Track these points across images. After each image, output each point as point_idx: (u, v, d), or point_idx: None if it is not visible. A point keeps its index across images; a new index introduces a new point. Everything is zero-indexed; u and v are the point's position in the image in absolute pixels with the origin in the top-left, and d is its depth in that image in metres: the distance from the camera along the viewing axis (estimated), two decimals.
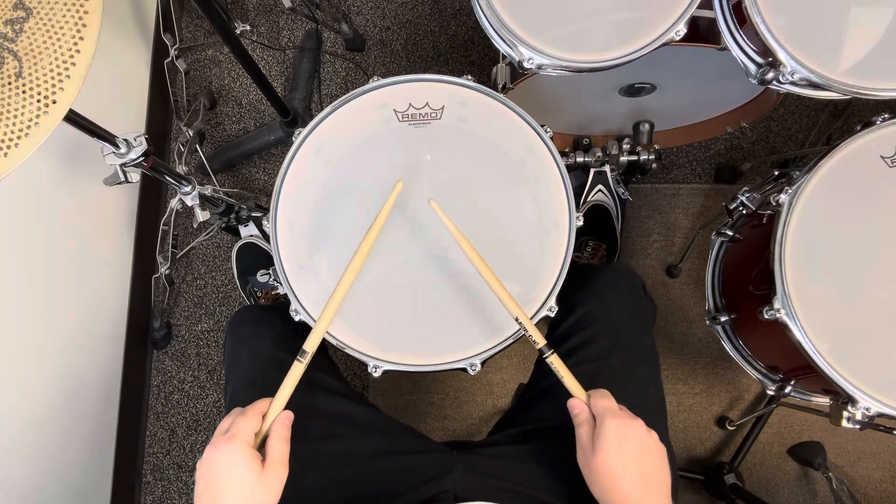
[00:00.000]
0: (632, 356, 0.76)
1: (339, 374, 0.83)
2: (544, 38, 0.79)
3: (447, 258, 0.75)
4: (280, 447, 0.57)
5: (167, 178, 0.97)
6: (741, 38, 0.80)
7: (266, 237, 1.25)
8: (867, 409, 0.72)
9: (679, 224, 1.40)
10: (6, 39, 0.59)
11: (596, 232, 1.28)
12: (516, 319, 0.64)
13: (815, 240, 0.76)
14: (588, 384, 0.63)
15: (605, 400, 0.60)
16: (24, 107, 0.59)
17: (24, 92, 0.59)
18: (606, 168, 1.23)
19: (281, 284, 0.74)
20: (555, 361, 0.63)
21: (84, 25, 0.60)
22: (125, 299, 1.33)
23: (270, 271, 0.77)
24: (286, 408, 0.60)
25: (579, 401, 0.62)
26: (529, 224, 0.75)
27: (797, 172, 0.79)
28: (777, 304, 0.74)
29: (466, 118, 0.77)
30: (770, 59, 0.77)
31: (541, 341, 0.64)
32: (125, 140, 0.84)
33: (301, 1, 1.38)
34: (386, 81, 0.78)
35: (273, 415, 0.59)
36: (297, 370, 0.61)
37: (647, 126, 1.14)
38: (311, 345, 0.62)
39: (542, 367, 0.81)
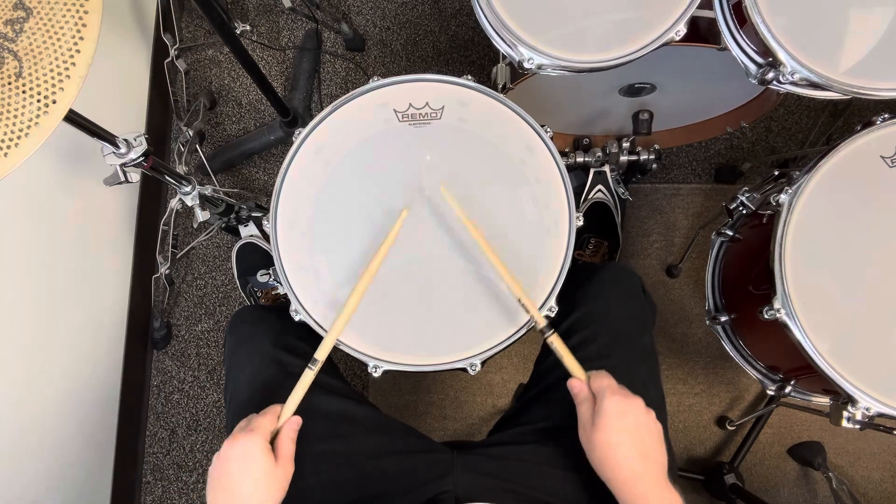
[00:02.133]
0: (630, 356, 0.76)
1: (339, 374, 0.83)
2: (544, 38, 0.79)
3: (447, 258, 0.75)
4: (289, 445, 0.61)
5: (167, 178, 0.97)
6: (741, 38, 0.80)
7: (266, 237, 1.25)
8: (867, 409, 0.72)
9: (679, 224, 1.40)
10: (6, 39, 0.59)
11: (597, 229, 1.29)
12: (518, 300, 0.66)
13: (815, 240, 0.76)
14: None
15: (604, 379, 0.62)
16: (24, 107, 0.59)
17: (24, 92, 0.59)
18: (606, 168, 1.23)
19: (281, 284, 0.74)
20: (555, 341, 0.65)
21: (84, 25, 0.60)
22: (125, 299, 1.34)
23: (270, 271, 0.77)
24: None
25: (579, 381, 0.63)
26: (529, 224, 0.75)
27: (797, 172, 0.79)
28: (777, 304, 0.74)
29: (466, 118, 0.77)
30: (770, 59, 0.77)
31: (541, 322, 0.65)
32: (125, 140, 0.84)
33: (301, 1, 1.38)
34: (386, 81, 0.78)
35: (285, 418, 0.62)
36: (307, 378, 0.63)
37: (646, 115, 1.13)
38: (321, 353, 0.65)
39: (541, 367, 0.81)
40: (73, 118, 0.74)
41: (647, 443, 0.59)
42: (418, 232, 0.75)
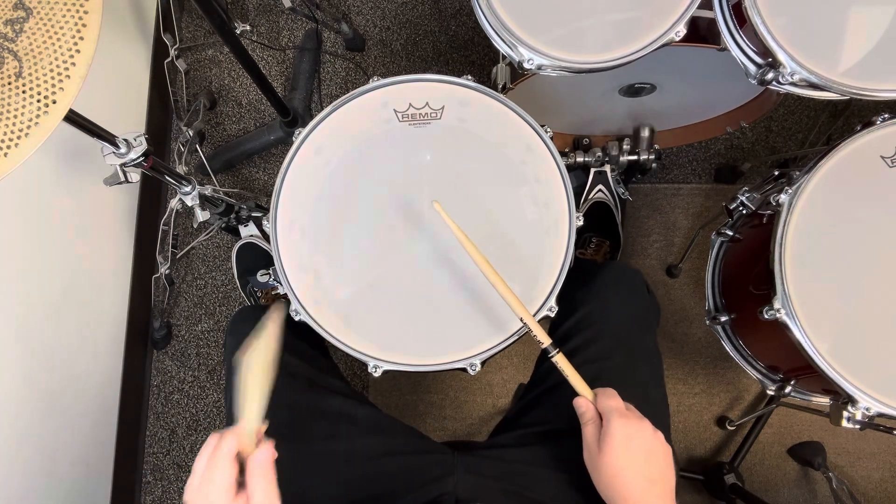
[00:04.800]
0: (633, 356, 0.76)
1: (340, 375, 0.83)
2: (544, 39, 0.79)
3: (447, 258, 0.75)
4: (261, 488, 0.49)
5: (167, 178, 0.97)
6: (741, 39, 0.80)
7: (266, 237, 1.25)
8: (867, 409, 0.72)
9: (679, 224, 1.40)
10: (6, 39, 0.59)
11: (598, 229, 1.29)
12: (521, 319, 0.64)
13: (815, 240, 0.76)
14: (590, 384, 0.63)
15: (611, 399, 0.60)
16: (24, 107, 0.59)
17: (24, 92, 0.59)
18: (606, 168, 1.23)
19: (281, 284, 0.74)
20: (560, 361, 0.63)
21: (84, 25, 0.60)
22: (125, 299, 1.33)
23: (270, 271, 0.77)
24: (275, 414, 0.53)
25: (585, 400, 0.62)
26: (529, 224, 0.75)
27: (797, 172, 0.79)
28: (777, 304, 0.74)
29: (466, 118, 0.77)
30: (770, 59, 0.77)
31: (546, 341, 0.64)
32: (125, 140, 0.84)
33: (301, 1, 1.38)
34: (386, 81, 0.78)
35: (246, 438, 0.51)
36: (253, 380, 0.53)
37: (647, 132, 1.13)
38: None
39: (542, 368, 0.81)
40: (73, 118, 0.74)
41: (655, 468, 0.57)
42: (419, 231, 0.75)
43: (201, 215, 1.06)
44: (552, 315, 0.73)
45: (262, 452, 0.51)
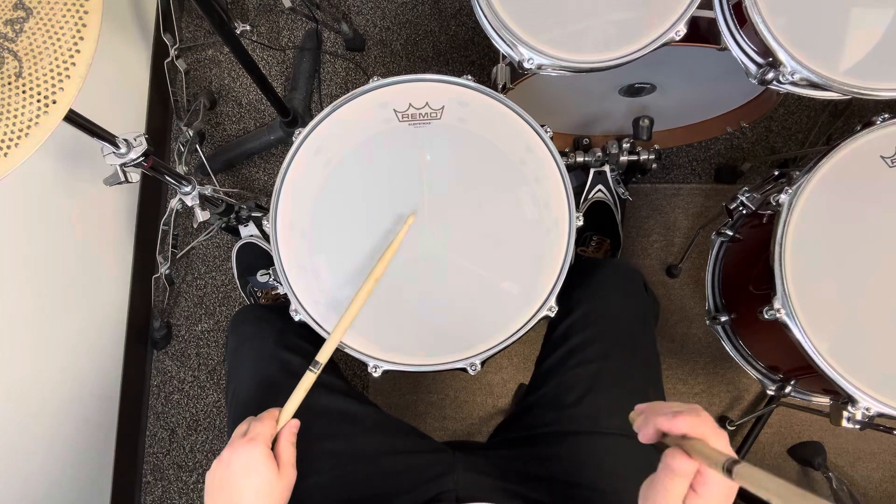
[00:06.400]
0: (632, 356, 0.76)
1: (340, 374, 0.83)
2: (544, 39, 0.79)
3: (448, 258, 0.75)
4: (289, 450, 0.60)
5: (167, 178, 0.97)
6: (741, 38, 0.80)
7: (266, 237, 1.25)
8: (867, 409, 0.72)
9: (679, 224, 1.40)
10: (6, 39, 0.59)
11: (598, 229, 1.29)
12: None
13: (815, 240, 0.76)
14: (589, 384, 0.63)
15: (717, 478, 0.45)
16: (24, 107, 0.59)
17: (24, 92, 0.59)
18: (606, 168, 1.23)
19: (281, 284, 0.74)
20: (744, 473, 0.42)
21: (84, 25, 0.60)
22: (125, 299, 1.33)
23: (270, 271, 0.77)
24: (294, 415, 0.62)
25: (692, 463, 0.46)
26: (529, 224, 0.75)
27: (797, 172, 0.79)
28: (777, 304, 0.74)
29: (466, 118, 0.77)
30: (770, 59, 0.77)
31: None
32: (125, 140, 0.84)
33: (301, 1, 1.38)
34: (386, 81, 0.78)
35: (283, 421, 0.61)
36: (308, 380, 0.62)
37: (646, 121, 1.13)
38: (323, 356, 0.64)
39: (542, 368, 0.81)
40: (73, 118, 0.74)
41: None
42: (419, 232, 0.75)
43: (201, 215, 1.06)
44: (552, 315, 0.73)
45: (293, 422, 0.62)
